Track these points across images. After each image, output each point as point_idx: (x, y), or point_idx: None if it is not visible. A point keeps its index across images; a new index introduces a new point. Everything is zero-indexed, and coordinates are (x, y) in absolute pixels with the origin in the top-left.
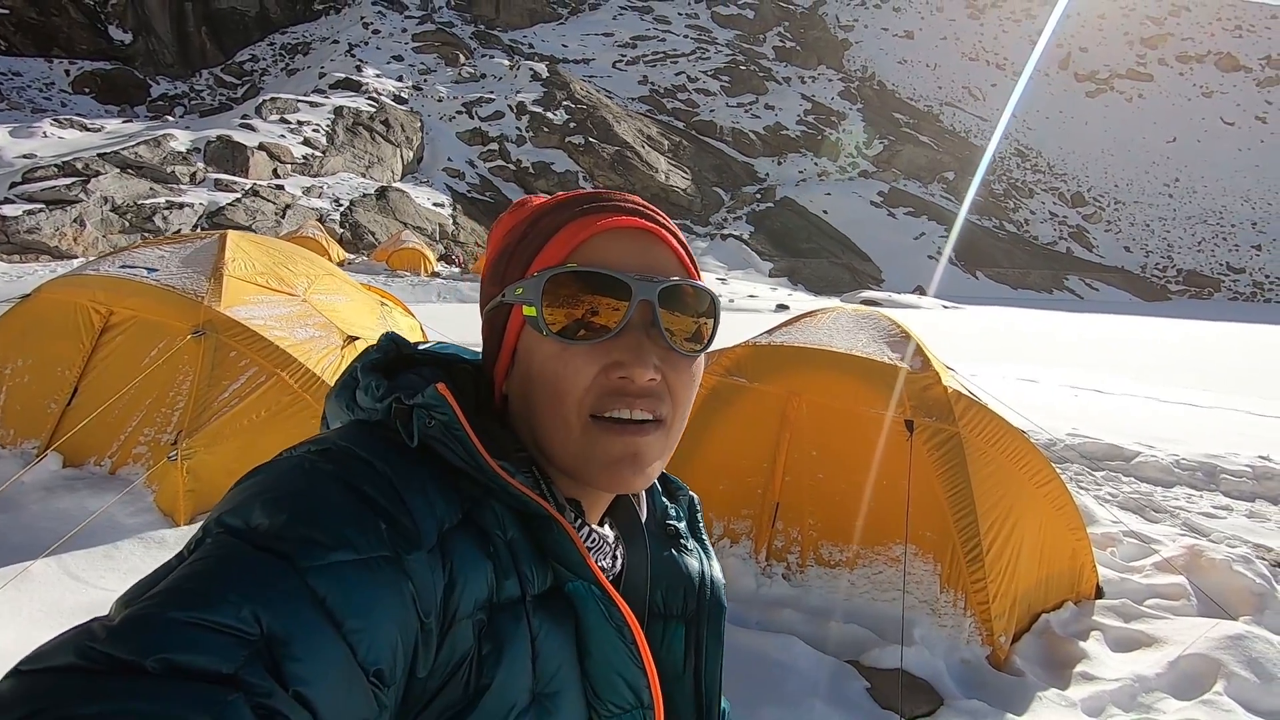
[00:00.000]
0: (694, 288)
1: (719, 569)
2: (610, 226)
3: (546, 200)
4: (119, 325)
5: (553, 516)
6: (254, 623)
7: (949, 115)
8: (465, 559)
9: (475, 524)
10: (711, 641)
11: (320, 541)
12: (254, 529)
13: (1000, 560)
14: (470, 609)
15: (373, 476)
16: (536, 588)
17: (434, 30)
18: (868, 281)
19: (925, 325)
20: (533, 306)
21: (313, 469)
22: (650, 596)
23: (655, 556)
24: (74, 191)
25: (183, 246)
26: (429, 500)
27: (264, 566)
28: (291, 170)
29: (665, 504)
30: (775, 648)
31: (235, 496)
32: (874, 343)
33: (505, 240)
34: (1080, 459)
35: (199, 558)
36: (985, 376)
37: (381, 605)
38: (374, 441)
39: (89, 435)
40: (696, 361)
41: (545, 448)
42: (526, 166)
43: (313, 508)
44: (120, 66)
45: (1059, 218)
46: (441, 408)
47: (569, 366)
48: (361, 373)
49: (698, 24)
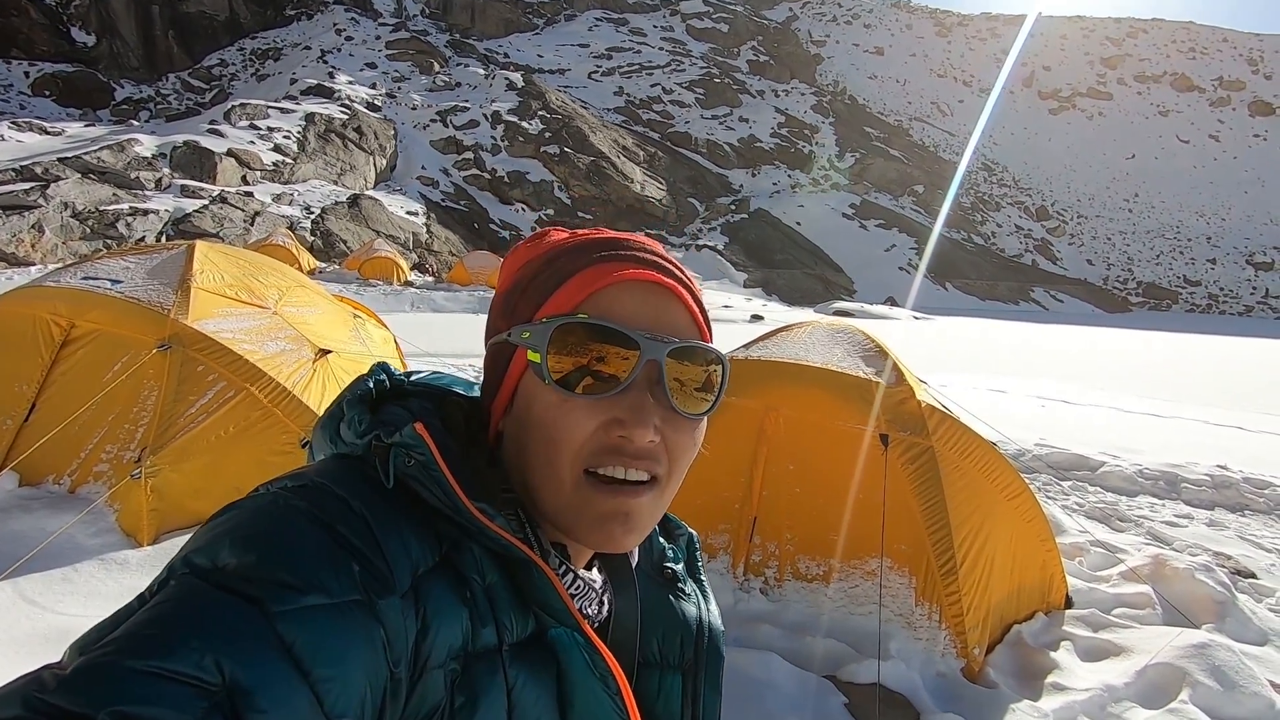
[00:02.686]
0: (704, 351)
1: (717, 614)
2: (627, 278)
3: (566, 237)
4: (80, 339)
5: (533, 561)
6: (216, 671)
7: (918, 130)
8: (440, 605)
9: (453, 568)
10: (710, 693)
11: (291, 584)
12: (221, 569)
13: (974, 573)
14: (443, 658)
15: (347, 516)
16: (515, 636)
17: (408, 38)
18: (840, 292)
19: (900, 336)
20: (537, 352)
21: (286, 506)
22: (644, 645)
23: (649, 602)
24: (32, 197)
25: (149, 257)
26: (404, 542)
27: (230, 610)
28: (261, 177)
29: (663, 545)
30: (754, 664)
31: (204, 534)
32: (849, 357)
33: (519, 275)
34: (1048, 469)
35: (161, 600)
36: (956, 387)
37: (352, 653)
38: (352, 478)
39: (47, 453)
40: (700, 424)
41: (535, 495)
42: (501, 176)
43: (284, 548)
44: (82, 69)
45: (1024, 231)
46: (419, 448)
47: (569, 418)
48: (347, 405)
49: (672, 36)
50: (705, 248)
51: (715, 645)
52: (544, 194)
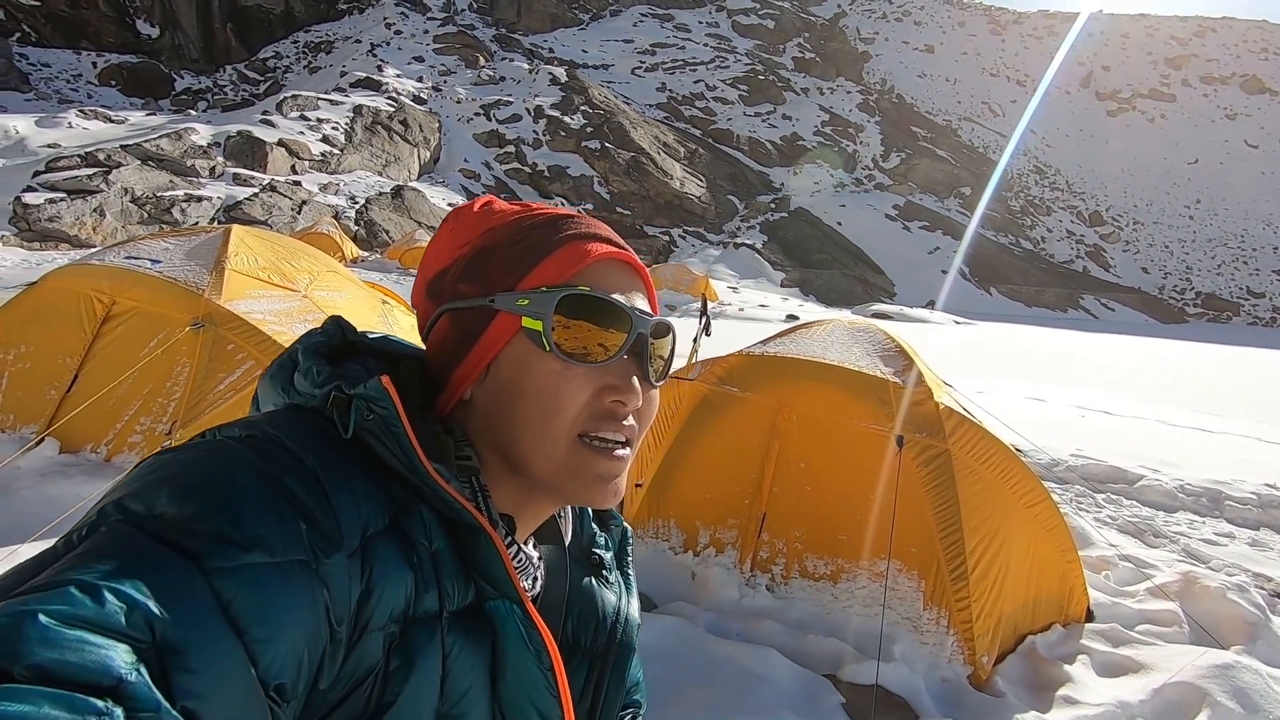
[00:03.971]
0: (670, 327)
1: (636, 608)
2: (606, 256)
3: (524, 209)
4: (121, 315)
5: (483, 528)
6: (145, 628)
7: (967, 130)
8: (386, 567)
9: (401, 530)
10: (614, 683)
11: (232, 539)
12: (158, 518)
13: (986, 579)
14: (384, 620)
15: (298, 470)
16: (456, 604)
17: (455, 32)
18: (880, 294)
19: (939, 341)
20: (539, 321)
21: (233, 456)
22: (562, 626)
23: (572, 584)
24: (95, 182)
25: (188, 239)
26: (356, 501)
27: (165, 564)
28: (309, 167)
29: (594, 531)
30: (752, 658)
31: (141, 477)
32: (868, 356)
33: (484, 240)
34: (1081, 480)
35: (89, 549)
36: (992, 394)
37: (292, 614)
38: (305, 431)
39: (86, 422)
40: (658, 390)
41: (522, 459)
42: (542, 170)
43: (228, 500)
44: (146, 60)
45: (1076, 236)
46: (383, 401)
47: (569, 385)
48: (303, 355)
49: (718, 33)
50: (743, 246)
51: (628, 638)
52: (583, 189)
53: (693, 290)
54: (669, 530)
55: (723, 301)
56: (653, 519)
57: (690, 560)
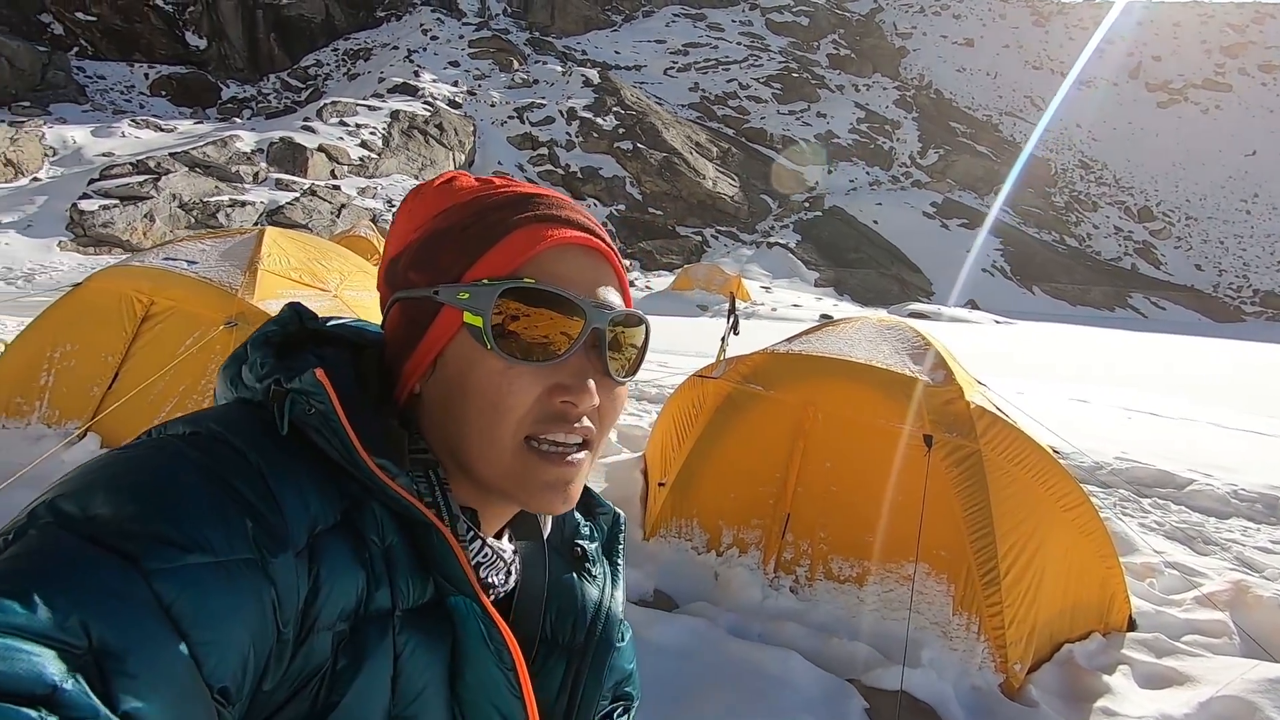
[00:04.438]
0: (638, 318)
1: (620, 601)
2: (564, 241)
3: (484, 186)
4: (159, 314)
5: (433, 524)
6: (81, 633)
7: (1009, 125)
8: (335, 565)
9: (353, 526)
10: (591, 682)
11: (173, 540)
12: (92, 519)
13: (1019, 584)
14: (332, 619)
15: (242, 467)
16: (411, 601)
17: (490, 37)
18: (917, 293)
19: (978, 340)
20: (479, 317)
21: (174, 454)
22: (540, 621)
23: (552, 577)
24: (145, 188)
25: (224, 241)
26: (303, 497)
27: (100, 566)
28: (348, 171)
29: (578, 521)
30: (773, 661)
31: (76, 478)
32: (896, 354)
33: (439, 222)
34: (1126, 484)
35: (20, 552)
36: (1032, 394)
37: (237, 615)
38: (250, 427)
39: (126, 418)
40: (625, 386)
41: (467, 461)
42: (574, 171)
43: (167, 500)
44: (195, 71)
45: (1124, 233)
46: (319, 395)
47: (514, 385)
48: (251, 346)
49: (751, 31)
50: (777, 245)
51: (608, 634)
52: (615, 189)
53: (724, 290)
54: (692, 530)
55: (755, 301)
56: (675, 518)
57: (713, 560)
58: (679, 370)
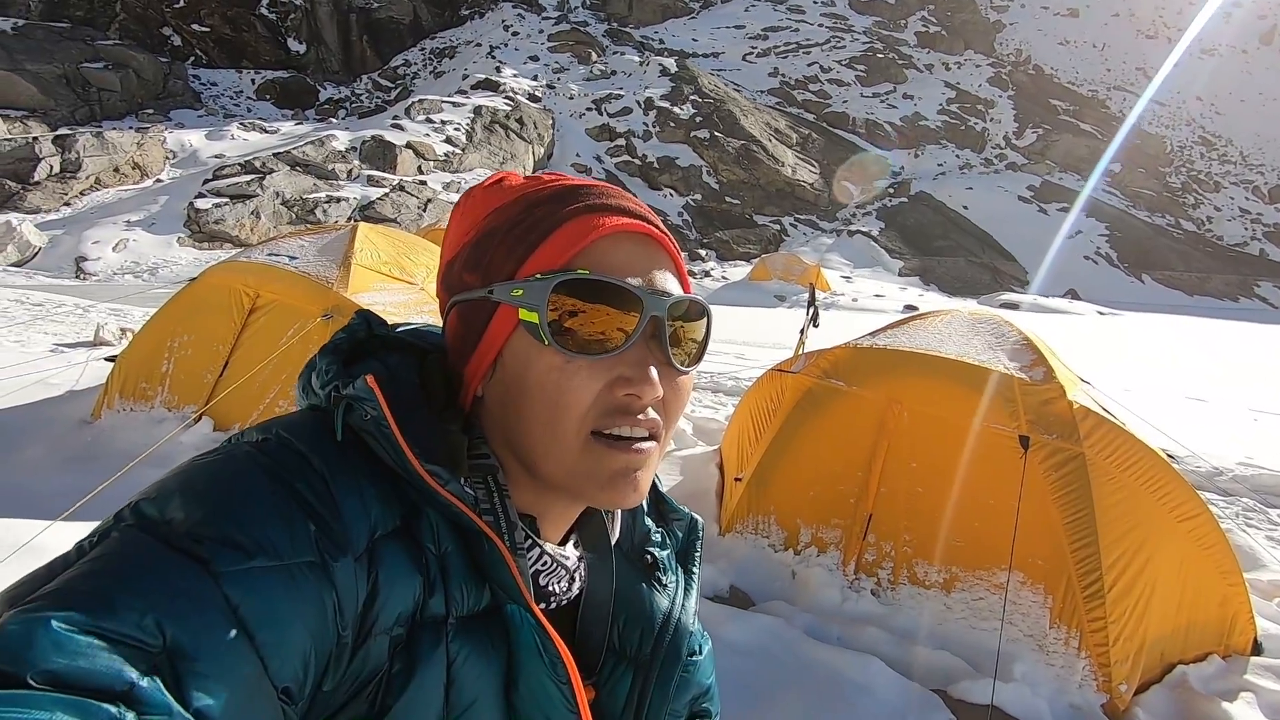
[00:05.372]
0: (698, 304)
1: (693, 612)
2: (616, 229)
3: (532, 183)
4: (264, 307)
5: (485, 533)
6: (156, 632)
7: (1118, 100)
8: (393, 570)
9: (411, 532)
10: (657, 695)
11: (240, 544)
12: (168, 523)
13: (1126, 599)
14: (389, 623)
15: (306, 472)
16: (465, 608)
17: (569, 30)
18: (1010, 283)
19: (1078, 333)
20: (534, 312)
21: (246, 461)
22: (607, 630)
23: (620, 584)
24: (252, 187)
25: (321, 236)
26: (364, 503)
27: (176, 569)
28: (434, 166)
29: (649, 527)
30: (853, 666)
31: (162, 482)
32: (990, 349)
33: (488, 224)
34: (1251, 493)
35: (102, 553)
36: (1141, 393)
37: (300, 617)
38: (316, 432)
39: (235, 403)
40: (690, 376)
41: (532, 461)
42: (651, 161)
43: (236, 505)
44: (295, 74)
45: (1251, 215)
46: (371, 402)
47: (574, 380)
48: (320, 354)
49: (833, 12)
50: (858, 233)
51: (676, 645)
52: (692, 179)
53: (803, 280)
54: (769, 526)
55: (835, 292)
56: (752, 514)
57: (790, 558)
58: (756, 363)
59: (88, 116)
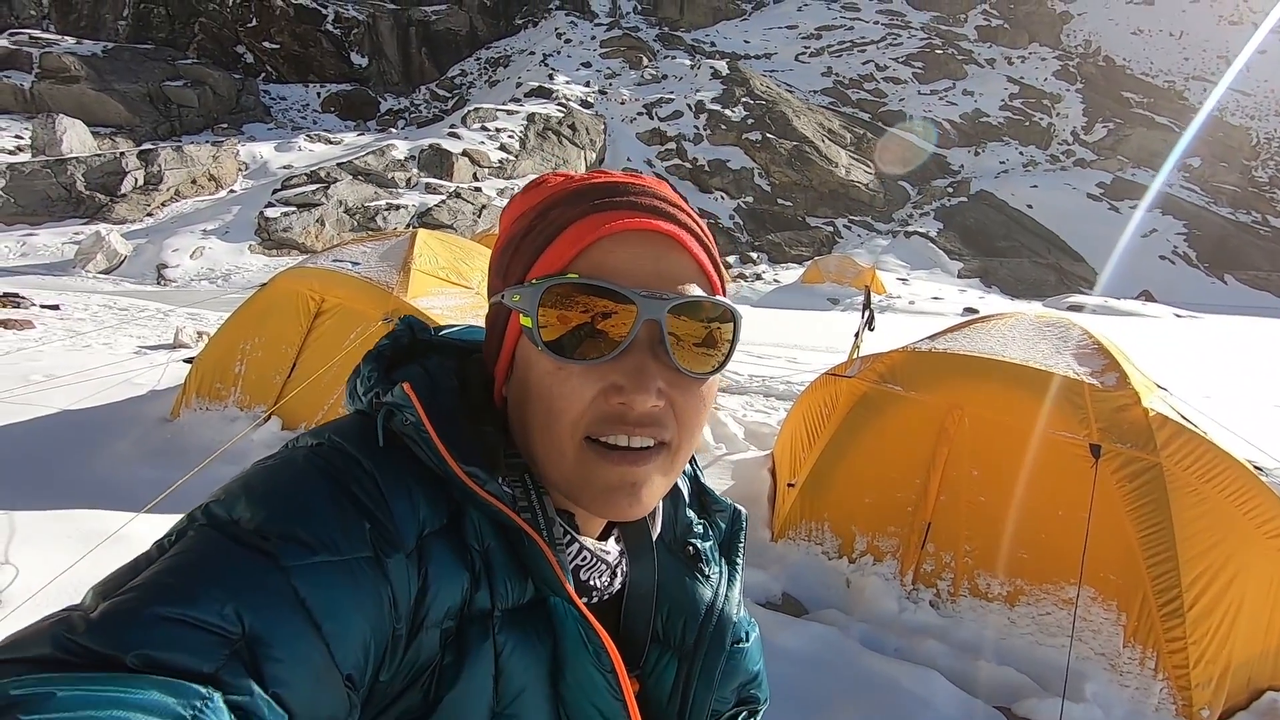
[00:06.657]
0: (710, 305)
1: (736, 603)
2: (620, 229)
3: (561, 184)
4: (329, 310)
5: (523, 529)
6: (236, 621)
7: (1197, 91)
8: (441, 565)
9: (458, 530)
10: (702, 684)
11: (304, 541)
12: (237, 523)
13: (1209, 619)
14: (440, 616)
15: (358, 474)
16: (510, 601)
17: (620, 35)
18: (1078, 284)
19: (1152, 337)
20: (529, 317)
21: (304, 464)
22: (650, 621)
23: (663, 576)
24: (317, 196)
25: (383, 242)
26: (413, 502)
27: (248, 564)
28: (488, 173)
29: (690, 519)
30: (911, 678)
31: (228, 485)
32: (1057, 354)
33: (513, 229)
34: None
35: (181, 550)
36: (1224, 400)
37: (359, 608)
38: (366, 436)
39: (301, 403)
40: (710, 383)
41: (537, 463)
42: (702, 164)
43: (296, 505)
44: (358, 87)
45: None
46: (410, 409)
47: (565, 386)
48: (364, 361)
49: (890, 8)
50: (915, 234)
51: (720, 634)
52: (743, 181)
53: (857, 283)
54: (823, 534)
55: (891, 294)
56: (805, 520)
57: (845, 567)
58: (809, 367)
59: (169, 132)
